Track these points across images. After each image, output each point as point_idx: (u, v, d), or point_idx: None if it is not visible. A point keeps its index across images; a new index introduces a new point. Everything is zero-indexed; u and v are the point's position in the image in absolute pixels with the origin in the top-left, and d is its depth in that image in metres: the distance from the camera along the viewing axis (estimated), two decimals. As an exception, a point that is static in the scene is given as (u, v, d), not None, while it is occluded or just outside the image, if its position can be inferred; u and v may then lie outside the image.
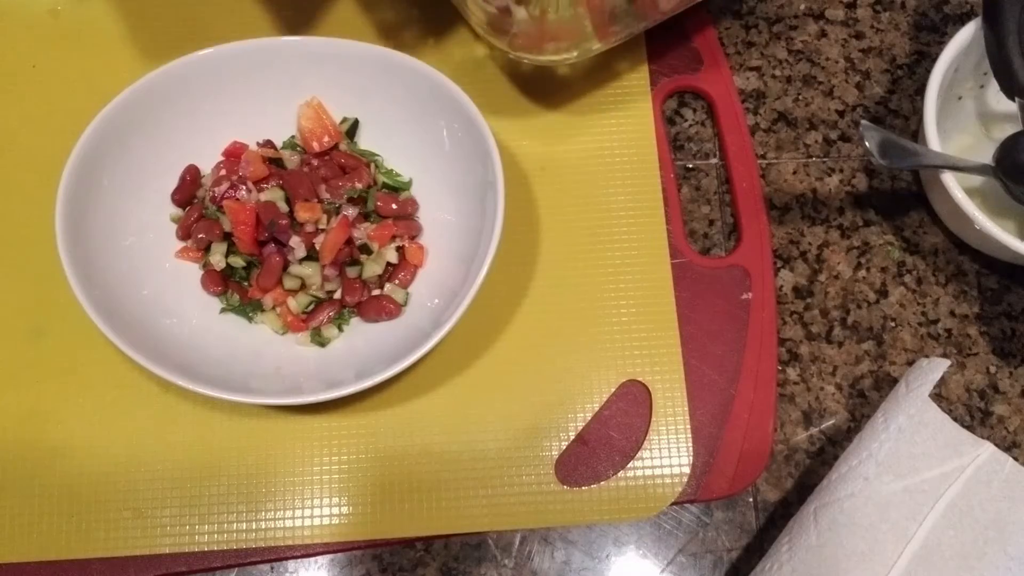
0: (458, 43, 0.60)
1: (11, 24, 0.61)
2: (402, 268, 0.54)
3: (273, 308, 0.54)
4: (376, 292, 0.54)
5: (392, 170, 0.57)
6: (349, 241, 0.53)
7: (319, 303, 0.53)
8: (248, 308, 0.54)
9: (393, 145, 0.57)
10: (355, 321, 0.54)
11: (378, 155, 0.57)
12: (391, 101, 0.56)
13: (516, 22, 0.50)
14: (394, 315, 0.53)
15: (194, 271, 0.54)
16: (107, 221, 0.52)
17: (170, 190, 0.55)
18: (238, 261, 0.53)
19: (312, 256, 0.53)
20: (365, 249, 0.54)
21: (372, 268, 0.53)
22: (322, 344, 0.53)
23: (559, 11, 0.48)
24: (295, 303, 0.53)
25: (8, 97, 0.59)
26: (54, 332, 0.54)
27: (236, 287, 0.54)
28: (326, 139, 0.56)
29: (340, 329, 0.53)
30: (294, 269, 0.53)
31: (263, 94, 0.55)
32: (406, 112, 0.55)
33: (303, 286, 0.53)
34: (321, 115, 0.56)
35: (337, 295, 0.54)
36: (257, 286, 0.53)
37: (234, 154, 0.56)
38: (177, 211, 0.55)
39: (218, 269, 0.53)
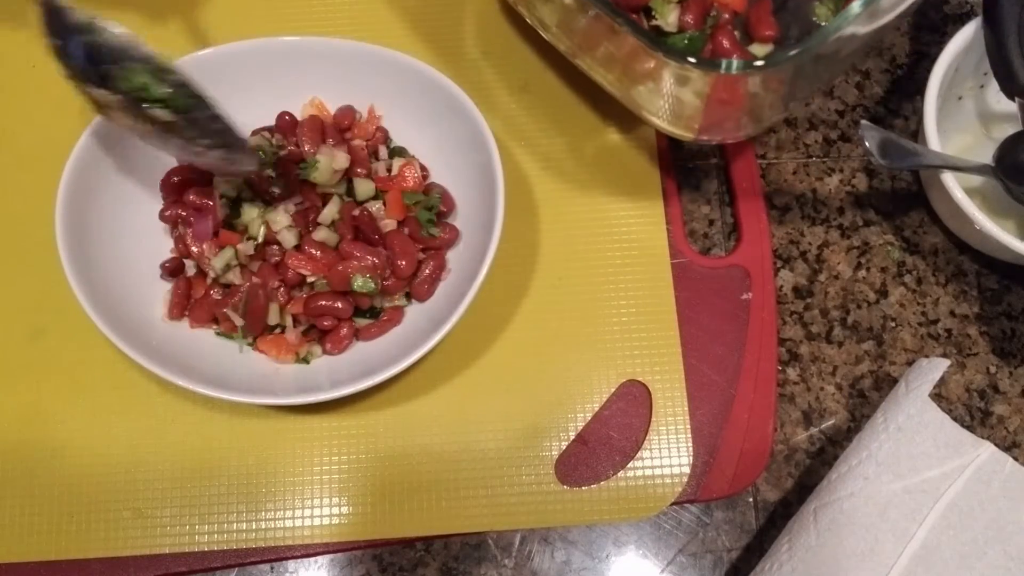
0: (458, 42, 0.60)
1: (11, 24, 0.61)
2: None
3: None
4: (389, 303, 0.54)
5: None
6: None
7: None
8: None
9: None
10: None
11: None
12: (391, 101, 0.56)
13: (687, 106, 0.48)
14: (397, 322, 0.53)
15: (194, 271, 0.55)
16: (107, 221, 0.52)
17: (170, 190, 0.55)
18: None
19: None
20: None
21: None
22: (306, 361, 0.52)
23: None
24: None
25: (8, 97, 0.59)
26: (54, 332, 0.54)
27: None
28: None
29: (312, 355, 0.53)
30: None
31: (263, 94, 0.55)
32: (406, 111, 0.56)
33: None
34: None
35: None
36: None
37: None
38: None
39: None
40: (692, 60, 0.42)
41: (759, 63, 0.42)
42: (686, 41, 0.50)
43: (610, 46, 0.48)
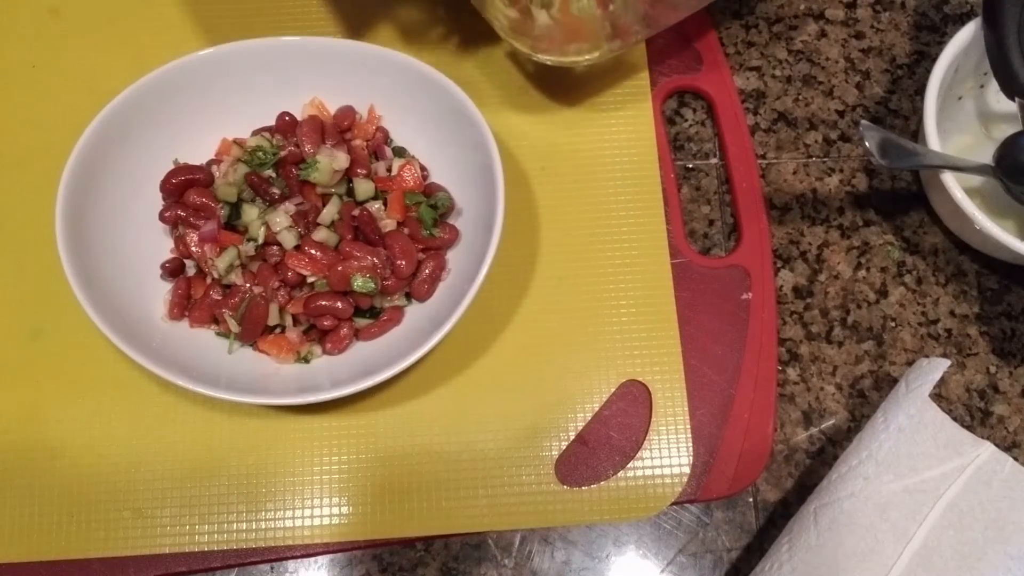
0: (459, 44, 0.60)
1: (11, 24, 0.61)
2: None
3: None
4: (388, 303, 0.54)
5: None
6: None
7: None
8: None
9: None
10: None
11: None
12: (391, 101, 0.56)
13: (538, 25, 0.51)
14: (397, 322, 0.53)
15: (194, 271, 0.55)
16: (107, 221, 0.52)
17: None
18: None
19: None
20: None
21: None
22: (306, 361, 0.52)
23: (581, 11, 0.49)
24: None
25: (8, 97, 0.59)
26: (54, 332, 0.54)
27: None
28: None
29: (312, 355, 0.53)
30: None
31: (263, 94, 0.55)
32: (405, 111, 0.56)
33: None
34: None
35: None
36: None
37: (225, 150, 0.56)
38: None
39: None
40: None
41: None
42: None
43: None
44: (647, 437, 0.53)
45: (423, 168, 0.55)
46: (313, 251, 0.51)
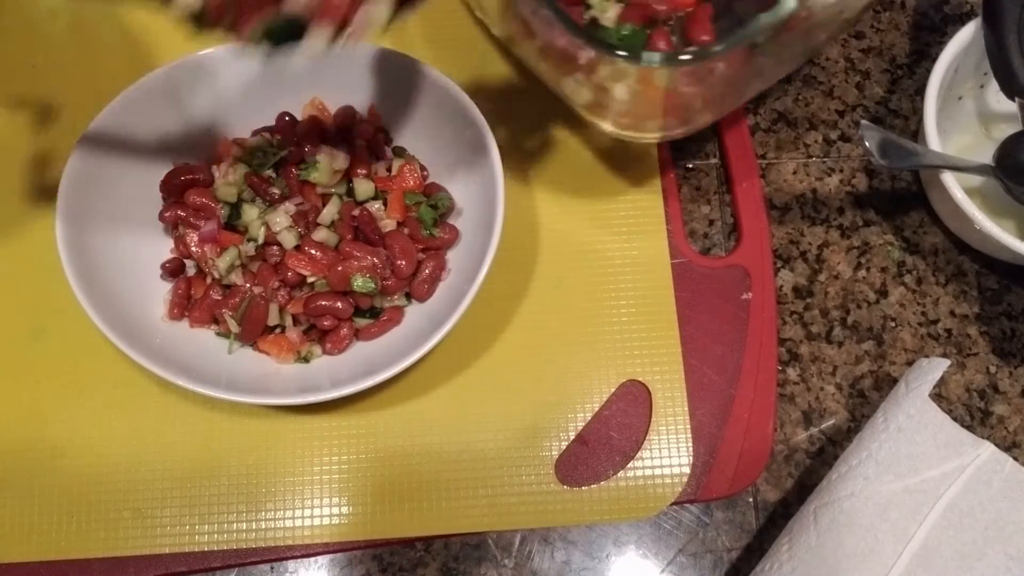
0: (462, 51, 0.60)
1: (11, 24, 0.61)
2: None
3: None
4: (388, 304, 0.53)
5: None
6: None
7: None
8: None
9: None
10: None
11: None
12: (391, 101, 0.56)
13: (616, 100, 0.48)
14: (397, 322, 0.53)
15: (194, 271, 0.55)
16: (107, 221, 0.52)
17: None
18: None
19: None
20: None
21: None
22: (306, 361, 0.52)
23: (666, 81, 0.45)
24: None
25: (8, 97, 0.59)
26: (54, 332, 0.54)
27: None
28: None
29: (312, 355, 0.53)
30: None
31: (263, 94, 0.55)
32: (406, 111, 0.56)
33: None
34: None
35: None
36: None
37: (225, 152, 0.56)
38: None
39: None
40: (620, 53, 0.42)
41: (684, 57, 0.42)
42: (624, 34, 0.49)
43: (545, 35, 0.47)
44: (647, 437, 0.53)
45: (423, 168, 0.55)
46: (313, 251, 0.51)
